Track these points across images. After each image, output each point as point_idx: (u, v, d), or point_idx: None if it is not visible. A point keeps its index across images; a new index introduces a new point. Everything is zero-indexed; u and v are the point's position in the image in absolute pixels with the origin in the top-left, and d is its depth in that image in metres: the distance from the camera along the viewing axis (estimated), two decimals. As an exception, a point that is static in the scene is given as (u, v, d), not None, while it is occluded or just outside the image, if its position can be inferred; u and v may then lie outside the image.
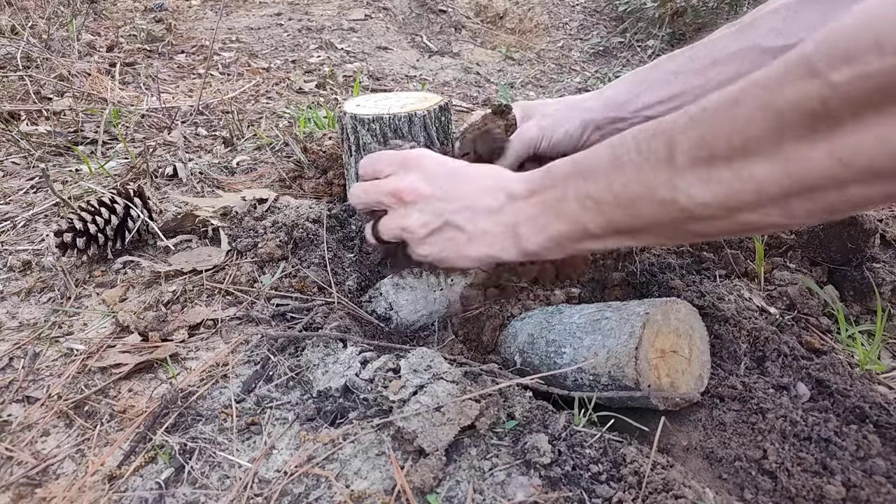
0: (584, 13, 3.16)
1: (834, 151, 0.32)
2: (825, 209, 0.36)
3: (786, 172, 0.35)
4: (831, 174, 0.33)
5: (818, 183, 0.34)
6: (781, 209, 0.37)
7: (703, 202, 0.40)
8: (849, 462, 0.53)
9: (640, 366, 0.54)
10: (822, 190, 0.34)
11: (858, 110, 0.31)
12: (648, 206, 0.43)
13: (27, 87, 1.47)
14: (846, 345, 0.70)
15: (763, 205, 0.37)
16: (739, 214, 0.39)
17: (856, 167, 0.32)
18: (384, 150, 0.63)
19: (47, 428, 0.57)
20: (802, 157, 0.34)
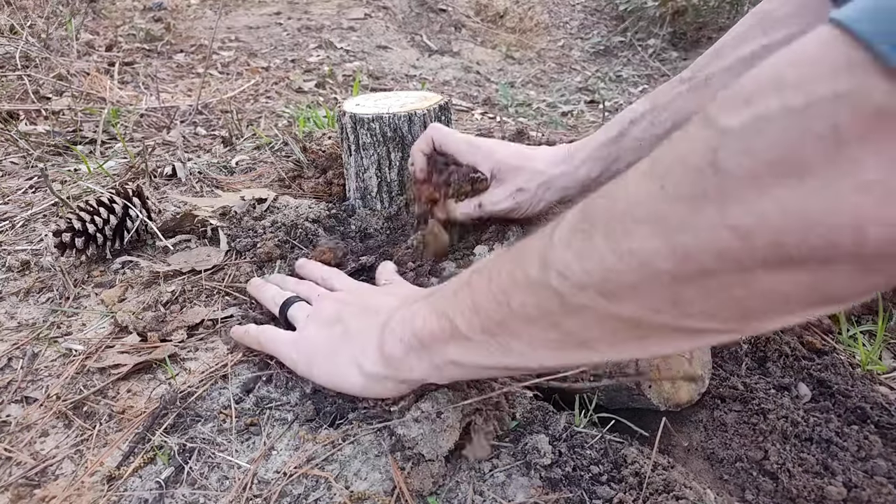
0: (584, 12, 3.16)
1: (727, 218, 0.24)
2: (730, 309, 0.27)
3: (670, 245, 0.26)
4: (726, 250, 0.25)
5: (711, 263, 0.26)
6: (672, 303, 0.28)
7: (576, 282, 0.31)
8: (850, 463, 0.53)
9: (641, 366, 0.54)
10: (720, 274, 0.26)
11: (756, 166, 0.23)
12: (519, 293, 0.35)
13: (26, 87, 1.47)
14: (847, 345, 0.70)
15: (648, 292, 0.29)
16: (620, 305, 0.30)
17: (757, 242, 0.24)
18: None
19: (46, 428, 0.56)
20: (687, 227, 0.26)
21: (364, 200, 0.87)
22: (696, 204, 0.25)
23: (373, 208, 0.87)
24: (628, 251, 0.28)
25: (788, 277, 0.24)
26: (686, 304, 0.28)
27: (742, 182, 0.24)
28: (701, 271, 0.26)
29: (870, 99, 0.20)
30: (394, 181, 0.84)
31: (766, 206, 0.23)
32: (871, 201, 0.21)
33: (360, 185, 0.86)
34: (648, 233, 0.27)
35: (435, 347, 0.43)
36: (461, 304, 0.40)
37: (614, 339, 0.33)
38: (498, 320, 0.37)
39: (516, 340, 0.37)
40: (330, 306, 0.57)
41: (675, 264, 0.27)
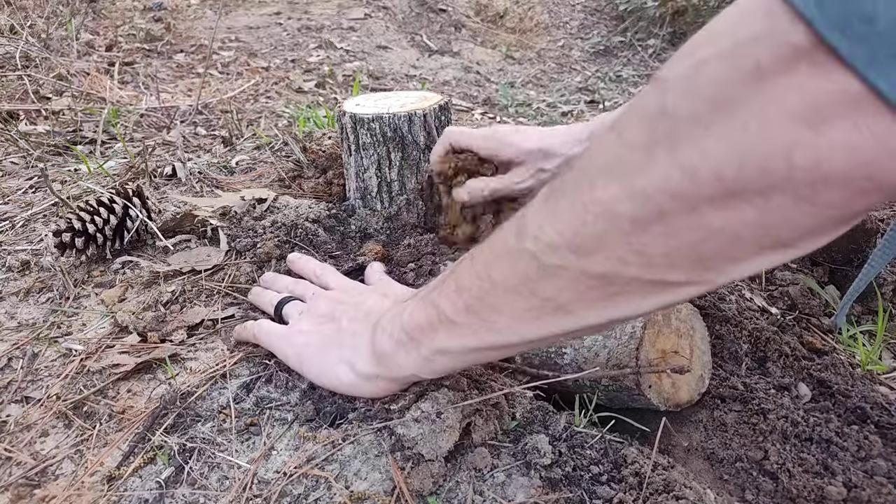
0: (584, 12, 3.16)
1: (676, 158, 0.27)
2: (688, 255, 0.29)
3: (628, 189, 0.29)
4: (677, 188, 0.27)
5: (665, 203, 0.27)
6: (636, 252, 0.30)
7: (549, 242, 0.33)
8: (850, 463, 0.53)
9: (641, 363, 0.54)
10: (673, 215, 0.28)
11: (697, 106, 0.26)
12: (498, 263, 0.37)
13: (26, 87, 1.47)
14: (847, 345, 0.70)
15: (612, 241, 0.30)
16: (590, 259, 0.31)
17: (702, 178, 0.26)
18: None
19: (46, 428, 0.56)
20: (642, 171, 0.28)
21: (364, 200, 0.87)
22: (649, 148, 0.28)
23: (373, 208, 0.87)
24: (591, 200, 0.31)
25: (734, 214, 0.26)
26: (648, 253, 0.30)
27: (686, 122, 0.26)
28: (657, 213, 0.28)
29: (784, 38, 0.23)
30: (394, 181, 0.84)
31: (707, 143, 0.26)
32: (795, 128, 0.23)
33: (359, 185, 0.86)
34: (609, 180, 0.30)
35: (423, 338, 0.43)
36: (446, 289, 0.41)
37: (589, 298, 0.34)
38: (480, 296, 0.38)
39: (499, 315, 0.38)
40: (324, 304, 0.58)
41: (634, 208, 0.29)
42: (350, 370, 0.50)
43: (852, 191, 0.24)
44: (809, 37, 0.23)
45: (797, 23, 0.23)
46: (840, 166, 0.23)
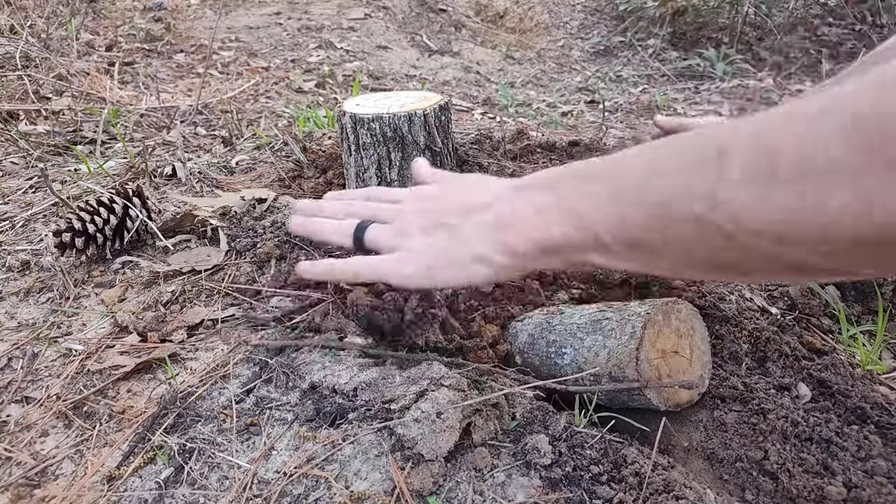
0: (584, 12, 3.16)
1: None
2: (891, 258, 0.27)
3: (865, 207, 0.26)
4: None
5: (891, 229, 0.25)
6: (845, 256, 0.29)
7: (750, 228, 0.31)
8: (850, 462, 0.53)
9: (641, 366, 0.54)
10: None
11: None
12: (679, 224, 0.34)
13: (26, 87, 1.47)
14: (847, 345, 0.70)
15: (826, 245, 0.29)
16: (793, 250, 0.30)
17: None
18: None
19: (46, 428, 0.56)
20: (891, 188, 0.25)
21: (364, 200, 0.87)
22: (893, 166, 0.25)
23: (373, 208, 0.87)
24: (813, 204, 0.28)
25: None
26: (858, 259, 0.29)
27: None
28: (880, 235, 0.26)
29: None
30: (394, 181, 0.84)
31: None
32: None
33: (359, 185, 0.86)
34: (842, 189, 0.27)
35: (575, 254, 0.42)
36: (607, 220, 0.39)
37: (770, 272, 0.33)
38: (650, 244, 0.37)
39: (665, 260, 0.37)
40: (416, 217, 0.52)
41: (865, 226, 0.26)
42: (485, 265, 0.47)
43: None
44: None
45: None
46: None
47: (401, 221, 0.54)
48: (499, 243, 0.46)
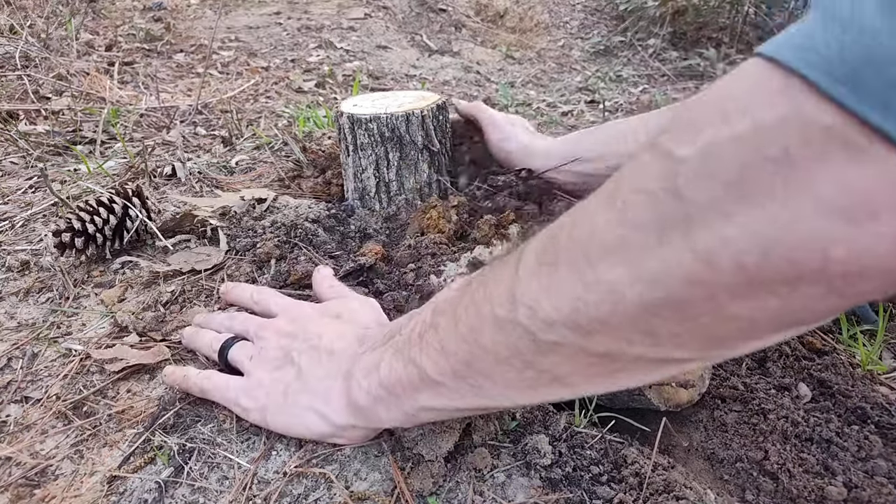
0: (584, 12, 3.16)
1: (691, 243, 0.24)
2: (707, 336, 0.27)
3: (637, 273, 0.26)
4: (693, 275, 0.25)
5: (681, 292, 0.25)
6: (645, 332, 0.28)
7: (545, 317, 0.30)
8: (850, 463, 0.53)
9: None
10: (690, 305, 0.26)
11: (716, 192, 0.23)
12: (488, 332, 0.34)
13: (25, 87, 1.47)
14: (847, 345, 0.70)
15: (618, 323, 0.28)
16: (592, 339, 0.29)
17: (723, 266, 0.24)
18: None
19: (46, 428, 0.56)
20: (653, 255, 0.26)
21: (362, 201, 0.87)
22: (660, 231, 0.25)
23: (371, 208, 0.87)
24: (594, 280, 0.28)
25: (755, 304, 0.24)
26: (656, 333, 0.28)
27: (703, 207, 0.24)
28: (668, 299, 0.26)
29: (813, 120, 0.21)
30: (392, 181, 0.84)
31: (728, 231, 0.23)
32: (832, 222, 0.21)
33: (358, 186, 0.86)
34: (614, 262, 0.27)
35: (404, 396, 0.41)
36: (428, 347, 0.38)
37: (589, 373, 0.32)
38: (468, 362, 0.36)
39: (488, 381, 0.36)
40: (273, 342, 0.53)
41: (642, 292, 0.26)
42: (321, 420, 0.47)
43: (890, 280, 0.22)
44: (842, 117, 0.20)
45: (823, 102, 0.20)
46: (883, 259, 0.21)
47: (260, 343, 0.54)
48: (342, 398, 0.45)
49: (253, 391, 0.51)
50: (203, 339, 0.60)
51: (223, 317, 0.62)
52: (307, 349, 0.50)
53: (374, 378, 0.43)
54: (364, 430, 0.48)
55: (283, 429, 0.50)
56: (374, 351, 0.45)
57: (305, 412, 0.48)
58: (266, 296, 0.62)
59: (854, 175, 0.20)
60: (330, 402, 0.46)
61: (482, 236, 0.78)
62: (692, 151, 0.24)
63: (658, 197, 0.26)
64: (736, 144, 0.23)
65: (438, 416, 0.43)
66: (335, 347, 0.49)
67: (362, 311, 0.57)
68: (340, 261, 0.77)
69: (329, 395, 0.47)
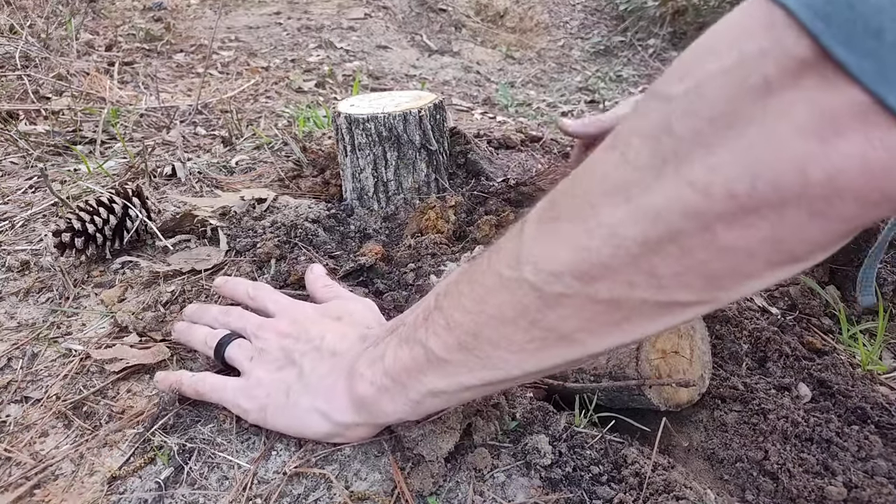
0: (584, 12, 3.16)
1: (685, 176, 0.26)
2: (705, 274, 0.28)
3: (637, 211, 0.27)
4: (688, 206, 0.26)
5: (676, 222, 0.27)
6: (647, 273, 0.29)
7: (551, 270, 0.31)
8: (850, 463, 0.53)
9: (641, 366, 0.54)
10: (685, 234, 0.27)
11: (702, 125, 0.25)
12: (494, 296, 0.34)
13: (25, 87, 1.47)
14: (848, 345, 0.70)
15: (621, 265, 0.29)
16: (597, 285, 0.30)
17: (714, 194, 0.25)
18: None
19: (46, 429, 0.56)
20: (651, 190, 0.27)
21: (361, 200, 0.87)
22: (657, 168, 0.27)
23: (370, 208, 0.87)
24: (596, 225, 0.29)
25: (748, 231, 0.26)
26: (659, 274, 0.29)
27: (693, 141, 0.26)
28: (668, 233, 0.27)
29: (790, 52, 0.23)
30: (390, 181, 0.84)
31: (717, 160, 0.25)
32: (806, 142, 0.23)
33: (356, 186, 0.86)
34: (615, 202, 0.29)
35: (410, 382, 0.41)
36: (433, 326, 0.38)
37: (596, 325, 0.32)
38: (475, 332, 0.36)
39: (496, 349, 0.36)
40: (274, 343, 0.52)
41: (643, 229, 0.28)
42: (324, 419, 0.47)
43: (865, 204, 0.24)
44: (815, 50, 0.22)
45: (802, 36, 0.22)
46: (853, 180, 0.23)
47: (259, 343, 0.53)
48: (345, 395, 0.45)
49: (253, 391, 0.51)
50: (197, 335, 0.59)
51: (217, 311, 0.60)
52: (309, 350, 0.50)
53: (378, 368, 0.42)
54: (367, 427, 0.47)
55: (284, 429, 0.50)
56: (377, 345, 0.45)
57: (308, 412, 0.48)
58: (263, 293, 0.60)
59: (823, 100, 0.23)
60: (333, 400, 0.46)
61: (482, 236, 0.78)
62: (682, 89, 0.26)
63: (654, 136, 0.27)
64: (722, 77, 0.25)
65: (445, 400, 0.42)
66: (338, 348, 0.49)
67: (363, 312, 0.56)
68: (340, 261, 0.77)
69: (332, 393, 0.46)
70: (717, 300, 0.30)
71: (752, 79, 0.24)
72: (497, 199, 0.85)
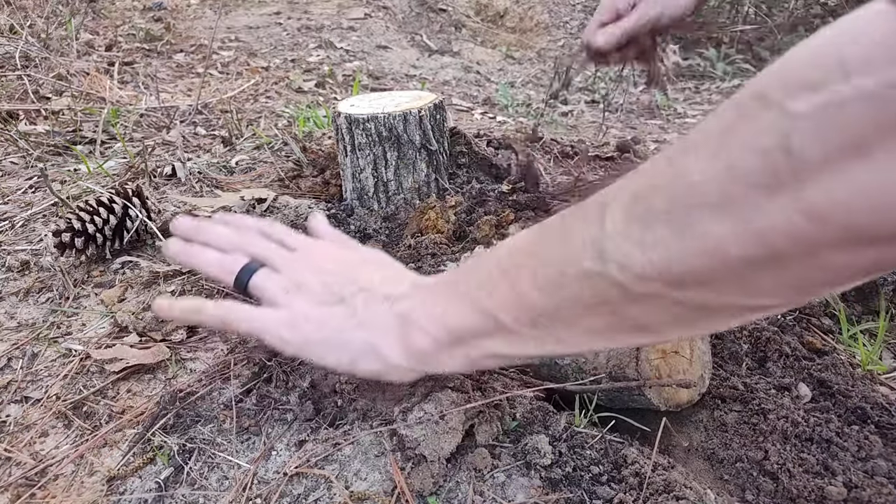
0: (584, 12, 3.16)
1: (801, 202, 0.25)
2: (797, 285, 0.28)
3: (743, 230, 0.27)
4: (800, 233, 0.25)
5: (784, 246, 0.26)
6: (741, 284, 0.29)
7: (640, 272, 0.31)
8: (850, 463, 0.53)
9: (641, 366, 0.54)
10: (790, 257, 0.26)
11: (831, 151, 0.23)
12: (573, 285, 0.34)
13: (25, 87, 1.47)
14: (848, 345, 0.70)
15: (718, 277, 0.29)
16: (687, 291, 0.30)
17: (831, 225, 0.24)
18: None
19: (46, 429, 0.56)
20: (761, 212, 0.26)
21: (361, 200, 0.87)
22: (771, 189, 0.26)
23: (370, 208, 0.87)
24: (693, 237, 0.28)
25: (854, 257, 0.25)
26: (752, 286, 0.29)
27: (816, 166, 0.24)
28: (773, 255, 0.27)
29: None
30: (390, 181, 0.84)
31: (841, 189, 0.24)
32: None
33: (356, 186, 0.86)
34: (718, 218, 0.27)
35: (473, 342, 0.41)
36: (503, 298, 0.39)
37: (677, 321, 0.33)
38: (550, 313, 0.36)
39: (569, 329, 0.36)
40: (314, 279, 0.49)
41: (748, 249, 0.27)
42: (377, 359, 0.46)
43: None
44: None
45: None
46: None
47: (296, 276, 0.50)
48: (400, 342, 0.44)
49: (298, 324, 0.47)
50: (206, 257, 0.52)
51: (227, 232, 0.54)
52: (359, 291, 0.48)
53: (439, 324, 0.42)
54: (418, 373, 0.46)
55: (332, 363, 0.47)
56: (434, 297, 0.44)
57: (361, 350, 0.46)
58: (280, 228, 0.55)
59: None
60: (387, 343, 0.45)
61: (482, 236, 0.78)
62: (808, 107, 0.24)
63: (768, 153, 0.25)
64: (856, 103, 0.23)
65: (504, 361, 0.43)
66: (391, 293, 0.47)
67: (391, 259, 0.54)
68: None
69: (387, 336, 0.45)
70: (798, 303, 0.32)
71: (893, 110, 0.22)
72: (497, 203, 0.85)
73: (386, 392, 0.54)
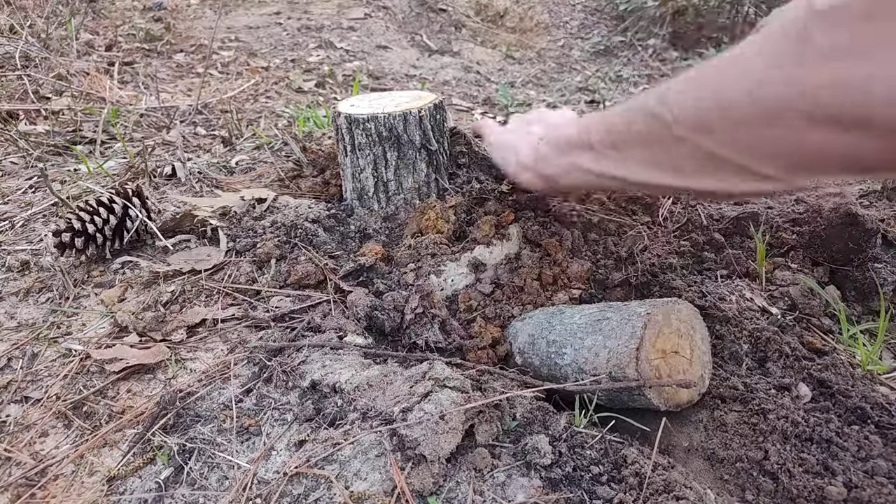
0: (584, 12, 3.16)
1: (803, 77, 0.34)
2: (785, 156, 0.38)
3: (750, 91, 0.37)
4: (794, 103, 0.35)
5: (779, 108, 0.36)
6: (742, 139, 0.40)
7: (680, 116, 0.44)
8: (850, 463, 0.53)
9: (642, 366, 0.54)
10: (783, 122, 0.36)
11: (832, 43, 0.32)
12: (640, 119, 0.49)
13: (25, 87, 1.47)
14: (848, 345, 0.70)
15: (725, 127, 0.41)
16: (704, 137, 0.43)
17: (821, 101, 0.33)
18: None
19: (46, 429, 0.56)
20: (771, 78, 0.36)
21: (361, 200, 0.87)
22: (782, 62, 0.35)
23: (370, 208, 0.87)
24: (721, 90, 0.40)
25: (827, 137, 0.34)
26: (752, 145, 0.40)
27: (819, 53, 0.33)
28: (769, 114, 0.37)
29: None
30: (390, 181, 0.84)
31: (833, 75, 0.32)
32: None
33: (356, 186, 0.86)
34: (739, 79, 0.38)
35: (574, 153, 0.59)
36: (600, 125, 0.56)
37: (697, 167, 0.46)
38: (622, 140, 0.53)
39: (630, 157, 0.52)
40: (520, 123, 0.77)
41: (753, 106, 0.38)
42: (515, 159, 0.70)
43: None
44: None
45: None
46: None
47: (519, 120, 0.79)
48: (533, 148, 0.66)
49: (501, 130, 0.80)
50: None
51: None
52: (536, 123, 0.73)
53: (561, 135, 0.63)
54: (534, 174, 0.68)
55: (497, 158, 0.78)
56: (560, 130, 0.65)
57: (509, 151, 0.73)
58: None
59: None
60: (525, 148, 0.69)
61: (482, 236, 0.78)
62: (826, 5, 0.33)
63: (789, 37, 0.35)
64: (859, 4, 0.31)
65: (584, 178, 0.60)
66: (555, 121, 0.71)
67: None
68: (340, 261, 0.77)
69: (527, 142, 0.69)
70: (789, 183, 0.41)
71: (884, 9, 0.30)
72: (497, 203, 0.85)
73: (386, 392, 0.54)
